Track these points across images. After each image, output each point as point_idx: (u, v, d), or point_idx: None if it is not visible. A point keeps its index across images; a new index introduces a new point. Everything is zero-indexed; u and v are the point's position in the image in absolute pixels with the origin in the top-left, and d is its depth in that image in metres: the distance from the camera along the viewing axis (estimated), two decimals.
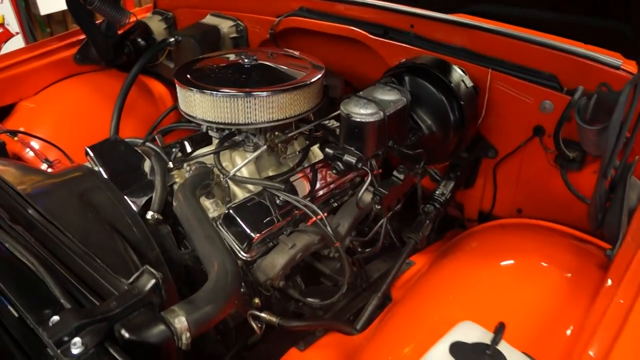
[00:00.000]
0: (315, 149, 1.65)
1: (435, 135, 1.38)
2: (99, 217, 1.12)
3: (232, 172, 1.45)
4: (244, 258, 1.36)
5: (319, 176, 1.57)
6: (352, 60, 1.80)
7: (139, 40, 2.31)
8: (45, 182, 1.25)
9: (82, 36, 2.28)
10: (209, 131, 1.63)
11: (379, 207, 1.29)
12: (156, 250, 1.16)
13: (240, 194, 1.52)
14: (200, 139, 1.75)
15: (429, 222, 1.53)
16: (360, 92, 1.27)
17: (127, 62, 2.38)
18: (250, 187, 1.50)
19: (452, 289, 1.20)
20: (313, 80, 1.49)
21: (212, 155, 1.52)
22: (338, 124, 1.67)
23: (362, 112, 1.18)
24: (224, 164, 1.51)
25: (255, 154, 1.51)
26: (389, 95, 1.24)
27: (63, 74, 2.26)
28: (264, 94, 1.43)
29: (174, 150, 1.61)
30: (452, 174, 1.59)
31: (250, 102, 1.44)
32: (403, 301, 1.30)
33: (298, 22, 1.85)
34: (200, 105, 1.49)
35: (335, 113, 1.56)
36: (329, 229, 1.39)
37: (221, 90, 1.43)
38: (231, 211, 1.39)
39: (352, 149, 1.20)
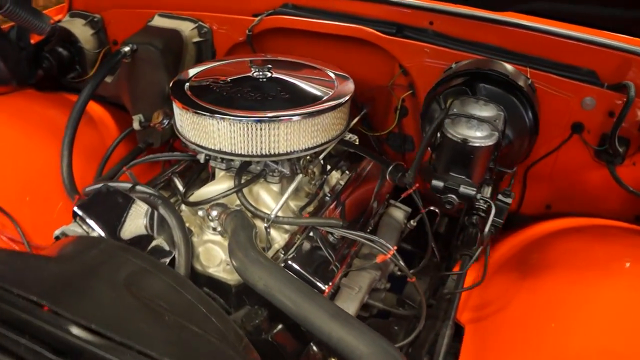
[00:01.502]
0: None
1: (513, 144, 1.27)
2: (173, 315, 0.82)
3: (273, 213, 1.20)
4: None
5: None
6: (350, 64, 1.61)
7: (60, 50, 1.86)
8: (56, 274, 0.89)
9: None
10: (212, 162, 1.35)
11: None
12: (245, 341, 0.90)
13: (277, 236, 1.27)
14: (188, 173, 1.46)
15: (479, 234, 1.42)
16: (454, 109, 1.10)
17: (46, 79, 1.92)
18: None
19: (575, 313, 1.09)
20: (348, 95, 1.28)
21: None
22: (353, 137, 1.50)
23: (478, 135, 1.02)
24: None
25: (293, 185, 1.27)
26: (487, 111, 1.09)
27: None
28: (297, 117, 1.19)
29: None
30: (486, 177, 1.50)
31: (281, 128, 1.20)
32: (500, 329, 1.18)
33: (284, 22, 1.60)
34: (214, 133, 1.20)
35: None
36: (401, 262, 1.21)
37: (246, 116, 1.17)
38: (292, 263, 1.15)
39: (463, 177, 1.04)
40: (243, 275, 1.00)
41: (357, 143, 1.49)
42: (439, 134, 1.18)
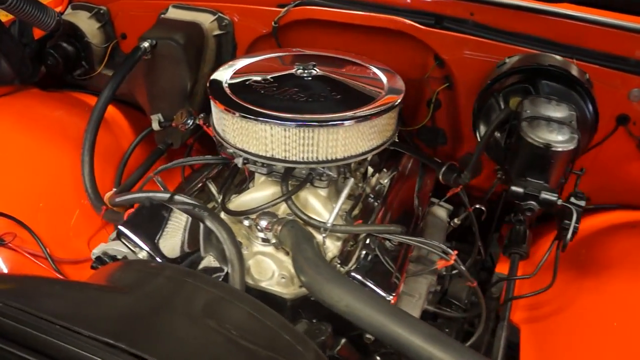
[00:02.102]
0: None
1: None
2: (265, 350, 0.76)
3: (330, 222, 1.15)
4: None
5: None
6: (379, 56, 1.54)
7: (65, 45, 1.74)
8: (124, 310, 0.81)
9: None
10: (250, 166, 1.28)
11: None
12: None
13: (330, 244, 1.21)
14: (222, 179, 1.38)
15: (527, 231, 1.40)
16: (527, 111, 1.05)
17: (48, 77, 1.80)
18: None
19: None
20: (402, 95, 1.22)
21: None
22: None
23: (560, 139, 0.97)
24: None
25: (346, 191, 1.22)
26: (561, 112, 1.05)
27: None
28: (349, 122, 1.13)
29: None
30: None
31: (340, 132, 1.13)
32: (563, 329, 1.16)
33: (314, 12, 1.51)
34: (266, 139, 1.13)
35: None
36: (462, 267, 1.17)
37: (304, 120, 1.10)
38: (356, 274, 1.10)
39: (541, 182, 0.99)
40: (318, 295, 0.95)
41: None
42: (499, 135, 1.13)
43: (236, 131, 1.17)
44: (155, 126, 1.59)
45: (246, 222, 1.21)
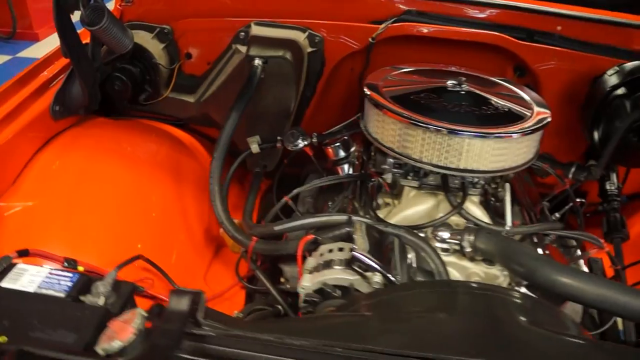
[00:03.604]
0: None
1: None
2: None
3: (508, 224, 1.23)
4: None
5: None
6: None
7: (131, 68, 1.60)
8: (456, 331, 0.82)
9: (40, 76, 1.46)
10: (403, 181, 1.32)
11: None
12: None
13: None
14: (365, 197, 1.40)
15: (620, 217, 1.58)
16: None
17: (111, 103, 1.64)
18: None
19: None
20: (549, 111, 1.33)
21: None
22: None
23: None
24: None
25: (508, 196, 1.30)
26: None
27: (39, 140, 1.41)
28: (517, 135, 1.22)
29: None
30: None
31: (512, 143, 1.22)
32: None
33: (411, 29, 1.57)
34: (460, 150, 1.19)
35: None
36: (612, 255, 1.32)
37: (499, 132, 1.17)
38: None
39: None
40: (574, 292, 1.00)
41: None
42: None
43: (427, 146, 1.20)
44: (255, 149, 1.53)
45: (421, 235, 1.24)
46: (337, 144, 1.54)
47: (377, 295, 0.97)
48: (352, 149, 1.56)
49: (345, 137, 1.55)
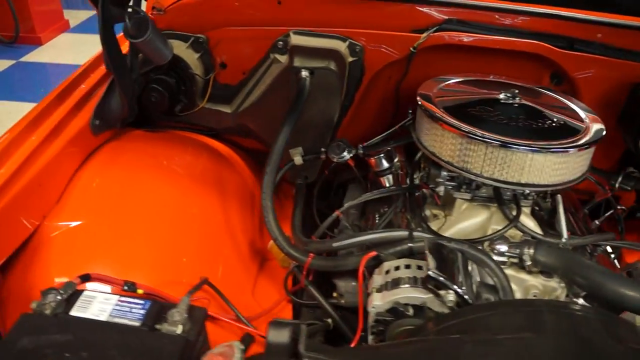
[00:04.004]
0: None
1: None
2: None
3: (565, 235, 1.24)
4: None
5: None
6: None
7: (167, 79, 1.56)
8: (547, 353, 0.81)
9: (78, 90, 1.42)
10: (456, 194, 1.31)
11: None
12: None
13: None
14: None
15: None
16: None
17: (144, 115, 1.61)
18: None
19: None
20: (603, 126, 1.33)
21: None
22: None
23: None
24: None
25: (561, 208, 1.29)
26: None
27: (80, 156, 1.37)
28: (573, 150, 1.22)
29: None
30: None
31: (571, 156, 1.22)
32: None
33: (453, 38, 1.56)
34: (523, 165, 1.18)
35: None
36: None
37: (562, 146, 1.17)
38: None
39: None
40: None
41: None
42: None
43: (487, 161, 1.18)
44: (299, 161, 1.51)
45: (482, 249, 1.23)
46: (381, 154, 1.53)
47: (461, 315, 0.95)
48: (395, 160, 1.54)
49: (389, 148, 1.53)
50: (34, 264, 1.17)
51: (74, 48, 4.28)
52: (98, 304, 0.97)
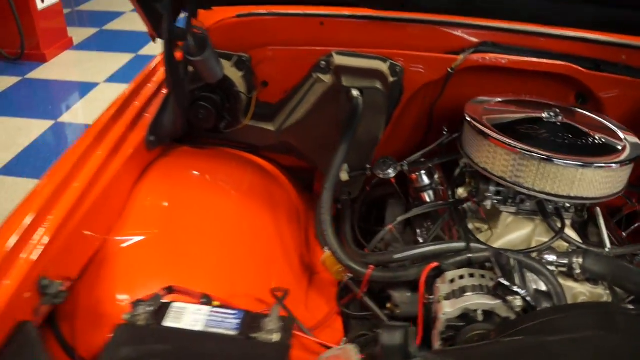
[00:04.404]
0: None
1: None
2: None
3: (607, 245, 1.34)
4: None
5: None
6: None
7: (213, 96, 1.60)
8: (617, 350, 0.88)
9: (132, 107, 1.45)
10: (502, 207, 1.38)
11: None
12: None
13: None
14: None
15: None
16: None
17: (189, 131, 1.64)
18: None
19: None
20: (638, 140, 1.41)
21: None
22: None
23: None
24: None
25: (601, 219, 1.37)
26: None
27: (137, 171, 1.40)
28: (616, 165, 1.30)
29: None
30: None
31: (613, 171, 1.30)
32: None
33: (489, 59, 1.64)
34: (572, 179, 1.25)
35: None
36: None
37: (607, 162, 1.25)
38: None
39: None
40: None
41: None
42: None
43: (539, 176, 1.25)
44: (344, 177, 1.56)
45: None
46: (422, 171, 1.59)
47: (536, 317, 1.01)
48: (436, 176, 1.60)
49: (430, 165, 1.59)
50: (102, 277, 1.19)
51: (78, 65, 4.33)
52: (191, 314, 0.99)
